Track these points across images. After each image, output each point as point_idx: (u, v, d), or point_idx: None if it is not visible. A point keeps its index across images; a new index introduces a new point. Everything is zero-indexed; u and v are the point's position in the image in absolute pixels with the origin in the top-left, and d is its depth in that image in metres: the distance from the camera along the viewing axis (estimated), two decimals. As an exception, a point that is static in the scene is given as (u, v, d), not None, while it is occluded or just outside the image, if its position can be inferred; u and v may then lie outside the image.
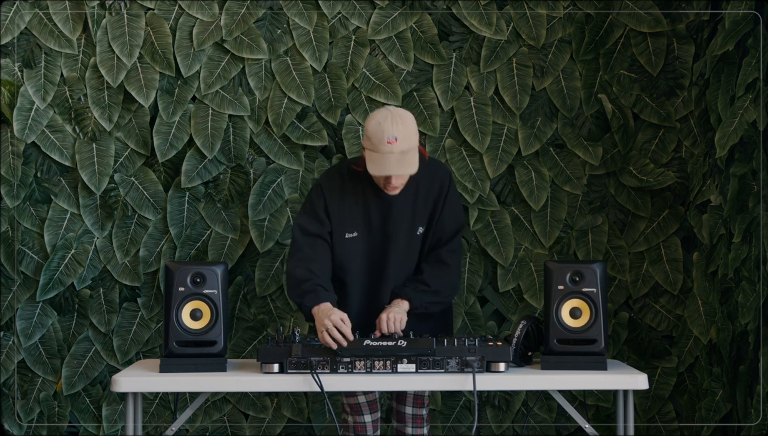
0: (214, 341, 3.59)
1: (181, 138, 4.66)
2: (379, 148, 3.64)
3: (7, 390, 4.68)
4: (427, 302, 3.80)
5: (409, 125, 3.68)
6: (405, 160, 3.65)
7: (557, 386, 3.55)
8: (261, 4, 4.66)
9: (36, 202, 4.67)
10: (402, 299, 3.76)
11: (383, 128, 3.64)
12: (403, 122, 3.67)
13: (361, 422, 3.94)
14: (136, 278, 4.68)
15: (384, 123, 3.65)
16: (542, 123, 4.70)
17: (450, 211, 3.85)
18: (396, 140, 3.62)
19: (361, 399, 3.93)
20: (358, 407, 3.92)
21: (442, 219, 3.84)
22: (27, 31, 4.64)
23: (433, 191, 3.82)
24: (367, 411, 3.93)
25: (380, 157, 3.64)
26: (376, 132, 3.65)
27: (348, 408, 3.94)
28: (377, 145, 3.64)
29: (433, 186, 3.82)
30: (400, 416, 3.97)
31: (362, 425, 3.94)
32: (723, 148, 4.26)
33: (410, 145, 3.66)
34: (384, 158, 3.64)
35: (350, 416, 3.95)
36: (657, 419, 4.69)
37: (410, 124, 3.69)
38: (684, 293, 4.68)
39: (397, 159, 3.63)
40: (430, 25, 4.69)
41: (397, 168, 3.64)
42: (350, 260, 3.82)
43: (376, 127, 3.65)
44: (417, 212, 3.82)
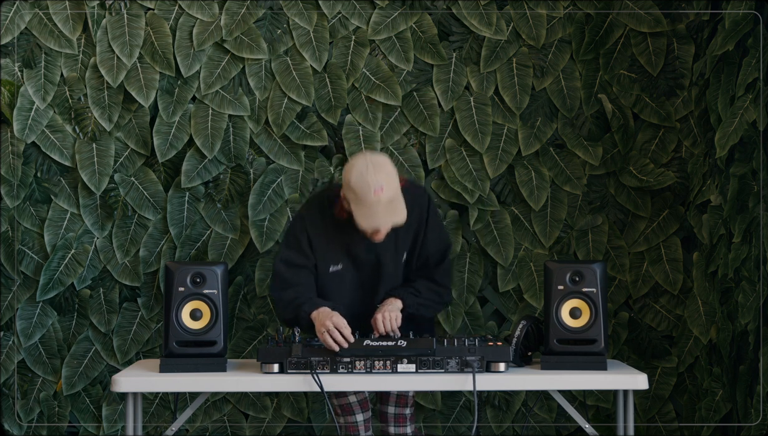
0: (214, 341, 3.59)
1: (181, 138, 4.66)
2: (366, 200, 3.57)
3: (7, 390, 4.68)
4: (418, 304, 3.80)
5: (389, 172, 3.62)
6: (392, 208, 3.61)
7: (557, 386, 3.55)
8: (261, 4, 4.66)
9: (36, 202, 4.67)
10: (395, 298, 3.77)
11: (367, 180, 3.57)
12: (384, 170, 3.61)
13: (353, 421, 3.93)
14: (136, 278, 4.68)
15: (366, 174, 3.58)
16: (542, 123, 4.70)
17: (434, 233, 3.84)
18: (382, 190, 3.57)
19: (352, 399, 3.92)
20: (350, 407, 3.92)
21: (426, 243, 3.83)
22: (27, 31, 4.64)
23: (414, 218, 3.78)
24: (358, 410, 3.93)
25: (368, 210, 3.59)
26: (359, 184, 3.58)
27: (339, 409, 3.93)
28: (363, 197, 3.58)
29: (413, 213, 3.76)
30: (383, 416, 3.95)
31: (354, 425, 3.93)
32: (723, 148, 4.26)
33: (395, 191, 3.62)
34: (372, 211, 3.59)
35: (341, 417, 3.94)
36: (657, 419, 4.69)
37: (390, 170, 3.64)
38: (684, 293, 4.68)
39: (385, 208, 3.59)
40: (430, 25, 4.69)
41: (387, 218, 3.60)
42: (336, 293, 3.80)
43: (359, 180, 3.58)
44: (399, 240, 3.79)
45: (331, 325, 3.55)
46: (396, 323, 3.68)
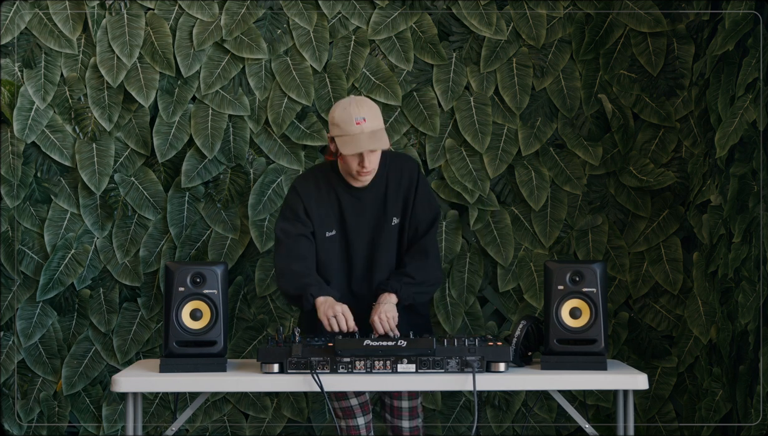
0: (214, 341, 3.59)
1: (181, 138, 4.66)
2: (349, 131, 3.71)
3: (7, 390, 4.68)
4: (414, 293, 3.83)
5: (373, 108, 3.78)
6: (376, 137, 3.73)
7: (557, 386, 3.55)
8: (261, 4, 4.66)
9: (36, 202, 4.67)
10: (389, 293, 3.78)
11: (349, 112, 3.73)
12: (367, 105, 3.77)
13: (354, 425, 3.93)
14: (136, 278, 4.68)
15: (349, 108, 3.74)
16: (542, 123, 4.70)
17: (422, 201, 3.90)
18: (364, 120, 3.72)
19: (353, 402, 3.92)
20: (351, 410, 3.92)
21: (416, 210, 3.90)
22: (27, 31, 4.64)
23: (403, 183, 3.88)
24: (359, 414, 3.93)
25: (351, 139, 3.72)
26: (342, 116, 3.73)
27: (340, 412, 3.93)
28: (346, 128, 3.72)
29: (403, 178, 3.88)
30: (396, 411, 3.97)
31: (356, 428, 3.93)
32: (723, 148, 4.26)
33: (378, 125, 3.76)
34: (355, 139, 3.71)
35: (342, 421, 3.94)
36: (657, 419, 4.69)
37: (374, 106, 3.79)
38: (684, 293, 4.68)
39: (368, 137, 3.71)
40: (430, 25, 4.69)
41: (370, 144, 3.71)
42: (332, 258, 3.87)
43: (342, 113, 3.74)
44: (389, 204, 3.87)
45: (340, 310, 3.63)
46: (393, 322, 3.70)
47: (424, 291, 3.89)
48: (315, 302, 3.69)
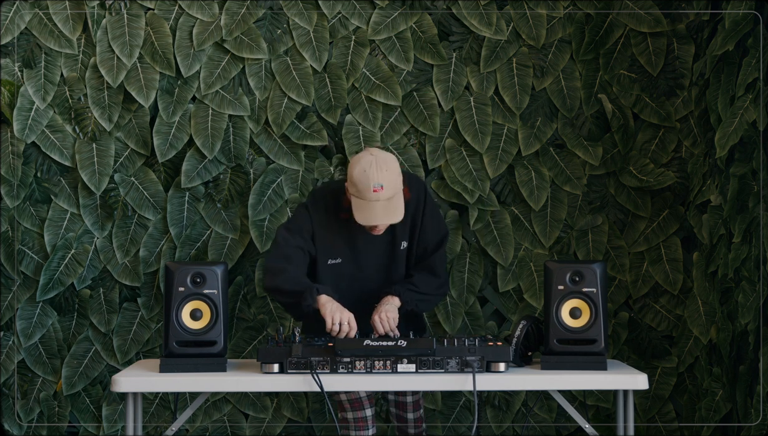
0: (214, 341, 3.59)
1: (181, 138, 4.66)
2: (365, 196, 3.65)
3: (7, 390, 4.68)
4: (417, 300, 3.84)
5: (393, 171, 3.68)
6: (390, 207, 3.67)
7: (557, 386, 3.55)
8: (261, 4, 4.66)
9: (36, 202, 4.67)
10: (391, 296, 3.79)
11: (368, 176, 3.64)
12: (387, 168, 3.67)
13: (363, 417, 3.94)
14: (136, 278, 4.68)
15: (369, 170, 3.65)
16: (542, 123, 4.70)
17: (431, 222, 3.89)
18: (382, 188, 3.64)
19: (362, 393, 3.93)
20: (360, 402, 3.93)
21: (424, 231, 3.88)
22: (27, 31, 4.64)
23: (410, 207, 3.83)
24: (367, 405, 3.95)
25: (366, 206, 3.66)
26: (361, 180, 3.65)
27: (348, 405, 3.94)
28: (363, 193, 3.65)
29: (410, 201, 3.82)
30: (401, 405, 4.01)
31: (364, 420, 3.94)
32: (723, 148, 4.26)
33: (395, 191, 3.69)
34: (370, 207, 3.65)
35: (350, 412, 3.95)
36: (657, 419, 4.69)
37: (394, 169, 3.69)
38: (684, 293, 4.68)
39: (383, 207, 3.66)
40: (430, 25, 4.69)
41: (383, 217, 3.67)
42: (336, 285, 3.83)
43: (361, 175, 3.65)
44: (397, 230, 3.84)
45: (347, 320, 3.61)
46: (394, 323, 3.71)
47: (427, 300, 3.90)
48: (319, 298, 3.68)
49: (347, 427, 3.97)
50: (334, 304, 3.68)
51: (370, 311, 3.80)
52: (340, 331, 3.64)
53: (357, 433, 3.94)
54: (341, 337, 3.62)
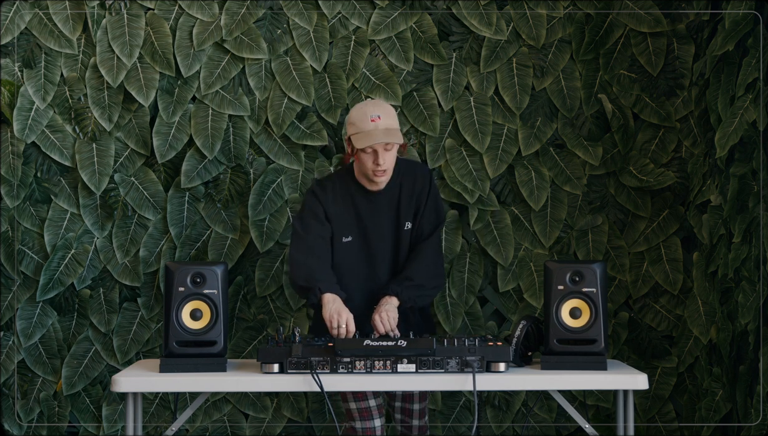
0: (214, 341, 3.59)
1: (181, 138, 4.66)
2: (364, 127, 3.81)
3: (7, 390, 4.67)
4: (415, 296, 3.88)
5: (389, 109, 3.88)
6: (390, 133, 3.81)
7: (557, 386, 3.55)
8: (261, 4, 4.66)
9: (36, 202, 4.67)
10: (390, 296, 3.82)
11: (365, 110, 3.84)
12: (382, 105, 3.88)
13: (371, 426, 3.94)
14: (136, 278, 4.68)
15: (365, 107, 3.86)
16: (542, 123, 4.70)
17: (431, 208, 3.98)
18: (379, 118, 3.82)
19: (372, 403, 3.94)
20: (369, 412, 3.93)
21: (423, 215, 3.97)
22: (27, 31, 4.64)
23: (417, 188, 3.96)
24: (377, 415, 3.94)
25: (366, 134, 3.80)
26: (358, 114, 3.85)
27: (357, 414, 3.93)
28: (361, 125, 3.82)
29: (416, 184, 3.96)
30: (407, 411, 4.01)
31: (372, 430, 3.94)
32: (723, 148, 4.26)
33: (393, 124, 3.85)
34: (370, 133, 3.80)
35: (359, 422, 3.94)
36: (657, 419, 4.69)
37: (390, 108, 3.89)
38: (684, 293, 4.68)
39: (382, 132, 3.80)
40: (430, 25, 4.69)
41: (384, 138, 3.78)
42: (348, 263, 3.92)
43: (358, 111, 3.86)
44: (402, 209, 3.94)
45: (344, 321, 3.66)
46: (394, 322, 3.74)
47: (425, 294, 3.94)
48: (322, 297, 3.73)
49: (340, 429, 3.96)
50: (335, 304, 3.70)
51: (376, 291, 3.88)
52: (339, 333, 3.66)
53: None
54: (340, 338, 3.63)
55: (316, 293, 3.74)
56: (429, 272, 3.92)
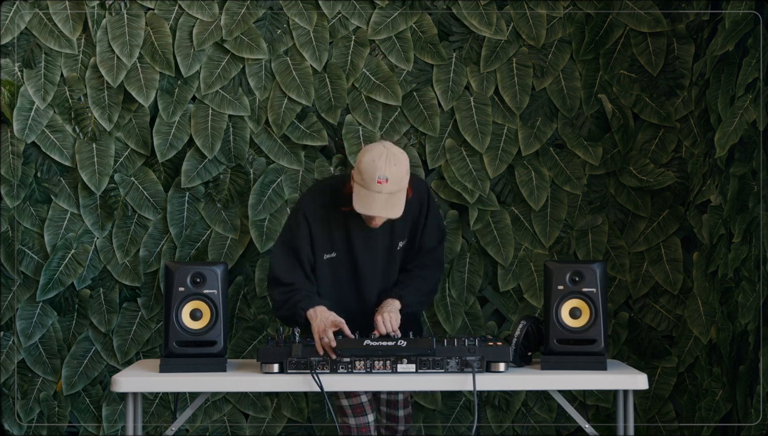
0: (214, 341, 3.59)
1: (181, 138, 4.66)
2: (369, 187, 3.62)
3: (7, 390, 4.68)
4: (417, 302, 3.86)
5: (401, 167, 3.65)
6: (392, 202, 3.64)
7: (557, 386, 3.55)
8: (261, 4, 4.66)
9: (36, 202, 4.67)
10: (393, 299, 3.80)
11: (376, 166, 3.61)
12: (396, 163, 3.64)
13: (365, 423, 3.94)
14: (136, 278, 4.68)
15: (378, 161, 3.62)
16: (542, 123, 4.70)
17: (432, 225, 3.90)
18: (387, 181, 3.61)
19: (364, 399, 3.93)
20: (362, 407, 3.93)
21: (424, 233, 3.89)
22: (27, 31, 4.64)
23: (413, 210, 3.83)
24: (369, 411, 3.94)
25: (368, 196, 3.63)
26: (368, 169, 3.62)
27: (350, 410, 3.93)
28: (367, 182, 3.62)
29: (413, 205, 3.81)
30: (393, 418, 4.00)
31: (366, 426, 3.94)
32: (723, 148, 4.26)
33: (400, 187, 3.66)
34: (371, 197, 3.63)
35: (352, 418, 3.94)
36: (657, 419, 4.69)
37: (403, 165, 3.67)
38: (684, 293, 4.68)
39: (384, 200, 3.63)
40: (430, 25, 4.69)
41: (382, 209, 3.64)
42: (329, 281, 3.84)
43: (369, 165, 3.62)
44: (396, 230, 3.84)
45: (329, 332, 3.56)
46: (396, 323, 3.72)
47: (425, 301, 3.94)
48: (306, 315, 3.68)
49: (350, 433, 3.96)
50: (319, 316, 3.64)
51: (367, 310, 3.82)
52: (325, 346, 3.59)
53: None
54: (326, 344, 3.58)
55: (301, 314, 3.68)
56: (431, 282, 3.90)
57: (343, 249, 3.83)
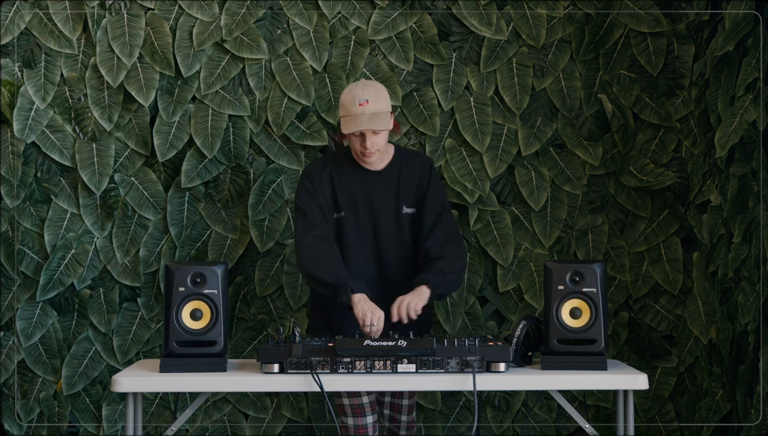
0: (214, 341, 3.59)
1: (181, 138, 4.66)
2: (352, 111, 3.84)
3: (7, 390, 4.68)
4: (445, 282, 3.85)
5: (380, 91, 3.89)
6: (376, 118, 3.84)
7: (557, 386, 3.55)
8: (261, 4, 4.66)
9: (36, 202, 4.67)
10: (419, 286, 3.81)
11: (354, 93, 3.86)
12: (374, 88, 3.89)
13: (364, 424, 3.94)
14: (136, 278, 4.68)
15: (355, 89, 3.88)
16: (542, 123, 4.70)
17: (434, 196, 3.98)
18: (367, 102, 3.84)
19: (365, 399, 3.93)
20: (362, 408, 3.93)
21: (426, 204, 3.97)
22: (27, 31, 4.64)
23: (416, 174, 3.99)
24: (369, 412, 3.94)
25: (352, 118, 3.84)
26: (347, 97, 3.87)
27: (349, 410, 3.94)
28: (349, 108, 3.84)
29: (416, 169, 4.00)
30: (396, 407, 4.04)
31: (364, 427, 3.94)
32: (723, 148, 4.26)
33: (381, 108, 3.86)
34: (356, 118, 3.83)
35: (351, 418, 3.94)
36: (657, 419, 4.69)
37: (381, 90, 3.91)
38: (684, 293, 4.68)
39: (368, 118, 3.83)
40: (430, 25, 4.69)
41: (369, 124, 3.82)
42: (341, 239, 3.94)
43: (348, 93, 3.88)
44: (401, 192, 3.97)
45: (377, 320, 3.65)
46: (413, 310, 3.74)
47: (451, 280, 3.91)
48: (353, 297, 3.72)
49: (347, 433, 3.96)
50: (367, 304, 3.70)
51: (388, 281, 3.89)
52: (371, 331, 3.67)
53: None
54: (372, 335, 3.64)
55: (348, 293, 3.73)
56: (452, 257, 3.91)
57: (350, 209, 3.95)
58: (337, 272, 3.80)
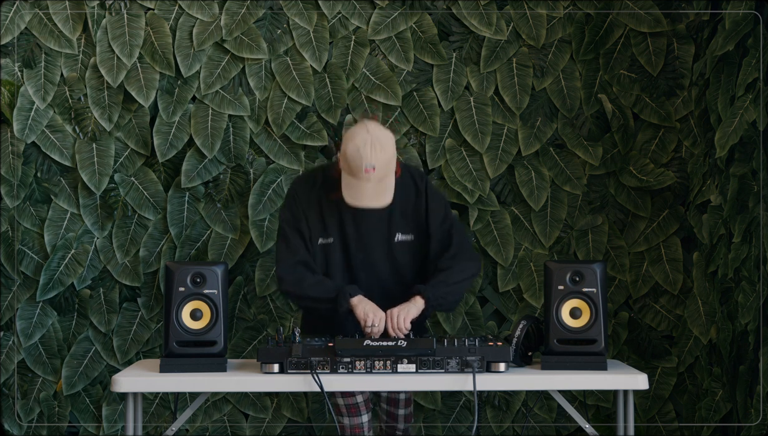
0: (214, 341, 3.59)
1: (181, 138, 4.66)
2: (357, 175, 3.61)
3: (7, 390, 4.68)
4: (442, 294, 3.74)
5: (388, 150, 3.62)
6: (381, 188, 3.62)
7: (557, 386, 3.55)
8: (261, 4, 4.66)
9: (36, 202, 4.67)
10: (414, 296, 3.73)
11: (362, 155, 3.58)
12: (382, 148, 3.60)
13: (359, 423, 3.94)
14: (136, 278, 4.68)
15: (363, 149, 3.58)
16: (542, 123, 4.70)
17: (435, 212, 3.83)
18: (374, 169, 3.59)
19: (359, 399, 3.93)
20: (357, 408, 3.92)
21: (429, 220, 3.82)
22: (27, 31, 4.64)
23: (411, 196, 3.80)
24: (364, 411, 3.94)
25: (357, 185, 3.61)
26: (354, 158, 3.59)
27: (344, 409, 3.93)
28: (355, 171, 3.60)
29: (409, 191, 3.80)
30: (392, 416, 4.00)
31: (359, 426, 3.94)
32: (723, 148, 4.26)
33: (388, 171, 3.64)
34: (360, 187, 3.60)
35: (346, 418, 3.94)
36: (657, 419, 4.69)
37: (389, 148, 3.63)
38: (684, 293, 4.68)
39: (373, 188, 3.61)
40: (430, 25, 4.69)
41: (372, 199, 3.63)
42: (327, 266, 3.81)
43: (355, 153, 3.59)
44: (393, 221, 3.80)
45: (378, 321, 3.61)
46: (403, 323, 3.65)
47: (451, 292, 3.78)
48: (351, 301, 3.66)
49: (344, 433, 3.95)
50: (368, 304, 3.66)
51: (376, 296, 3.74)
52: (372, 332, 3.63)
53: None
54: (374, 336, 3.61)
55: (346, 298, 3.66)
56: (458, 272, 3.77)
57: (336, 235, 3.79)
58: (326, 286, 3.72)
